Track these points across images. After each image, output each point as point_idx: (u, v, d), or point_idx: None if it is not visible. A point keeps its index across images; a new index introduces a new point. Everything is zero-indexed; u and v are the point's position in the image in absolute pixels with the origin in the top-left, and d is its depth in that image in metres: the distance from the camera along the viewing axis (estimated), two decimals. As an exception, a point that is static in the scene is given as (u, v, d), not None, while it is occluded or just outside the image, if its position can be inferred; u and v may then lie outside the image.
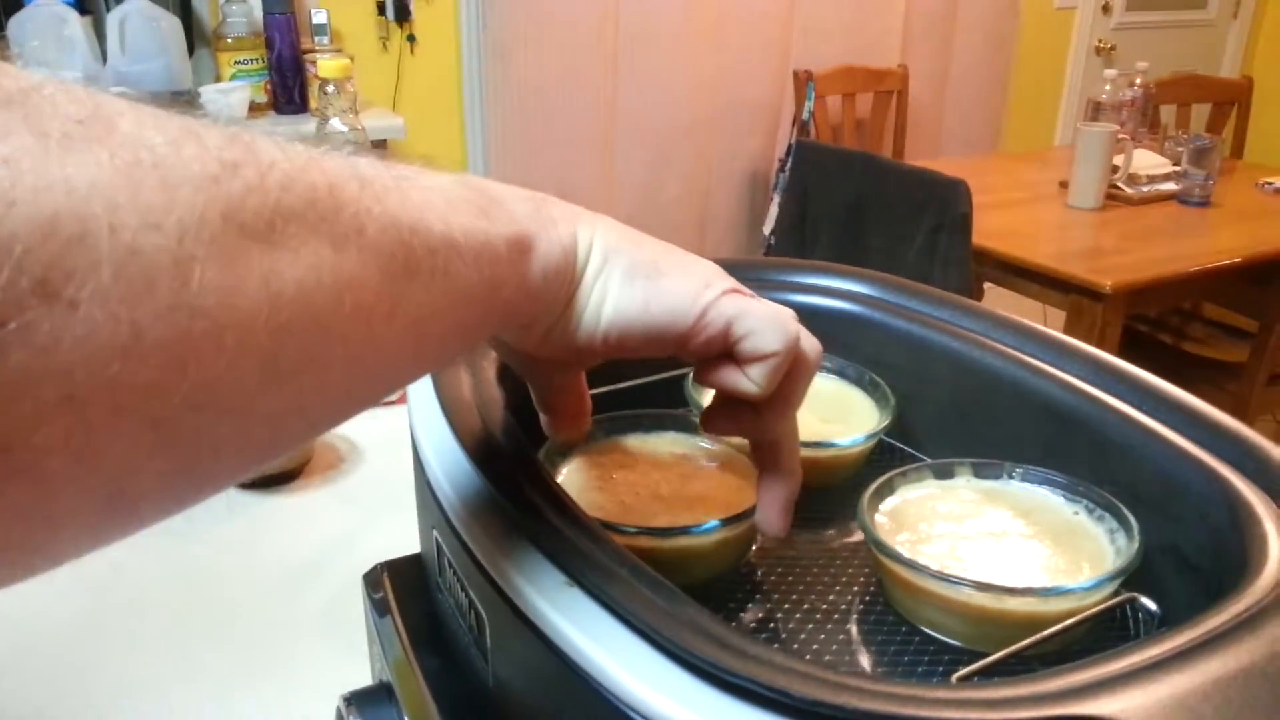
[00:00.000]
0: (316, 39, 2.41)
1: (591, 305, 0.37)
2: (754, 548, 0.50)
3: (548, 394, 0.45)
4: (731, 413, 0.41)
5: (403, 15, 2.67)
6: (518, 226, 0.34)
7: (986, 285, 2.33)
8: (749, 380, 0.38)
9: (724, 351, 0.38)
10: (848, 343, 0.60)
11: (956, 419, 0.56)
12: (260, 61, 2.33)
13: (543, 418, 0.45)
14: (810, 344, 0.40)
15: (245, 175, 0.23)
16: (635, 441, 0.54)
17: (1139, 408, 0.47)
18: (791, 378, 0.39)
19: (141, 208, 0.21)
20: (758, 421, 0.41)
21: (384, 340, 0.28)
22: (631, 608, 0.33)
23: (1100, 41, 3.90)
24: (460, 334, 0.33)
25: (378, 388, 0.30)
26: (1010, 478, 0.49)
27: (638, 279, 0.37)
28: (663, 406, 0.56)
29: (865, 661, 0.43)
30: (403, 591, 0.50)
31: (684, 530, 0.46)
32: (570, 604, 0.34)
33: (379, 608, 0.50)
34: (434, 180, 0.32)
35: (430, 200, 0.31)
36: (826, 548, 0.51)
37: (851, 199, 2.18)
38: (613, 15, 2.87)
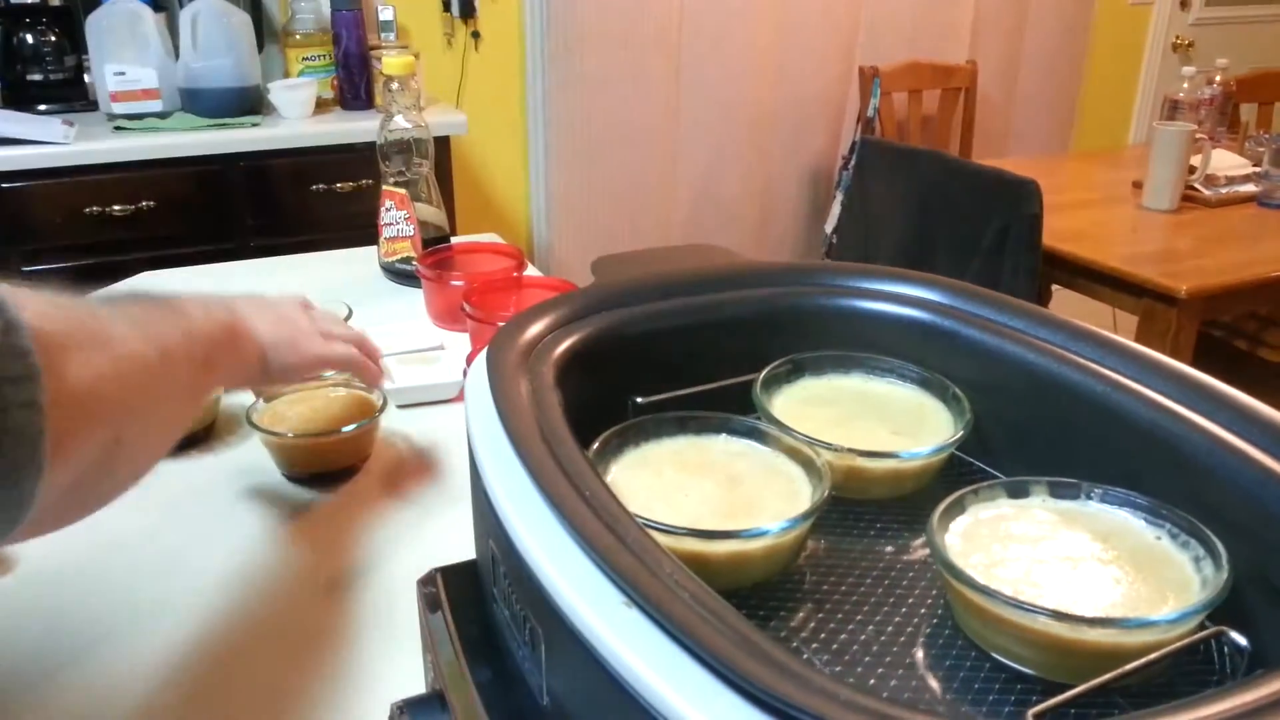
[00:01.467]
0: (383, 35, 2.43)
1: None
2: (809, 556, 0.49)
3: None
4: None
5: (468, 12, 2.68)
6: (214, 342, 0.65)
7: (1055, 288, 2.28)
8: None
9: None
10: (918, 352, 0.58)
11: (1031, 435, 0.54)
12: (328, 58, 2.36)
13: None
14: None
15: None
16: (687, 443, 0.53)
17: (1227, 427, 0.44)
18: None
19: None
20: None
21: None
22: (692, 632, 0.32)
23: (1178, 38, 3.80)
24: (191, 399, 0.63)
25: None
26: (1088, 498, 0.47)
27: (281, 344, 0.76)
28: (727, 411, 0.54)
29: (935, 688, 0.41)
30: (457, 599, 0.49)
31: (734, 534, 0.44)
32: (628, 626, 0.33)
33: (433, 613, 0.49)
34: (172, 324, 0.58)
35: (170, 343, 0.57)
36: (889, 562, 0.49)
37: (917, 198, 2.14)
38: (677, 11, 2.85)
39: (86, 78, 2.27)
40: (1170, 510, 0.45)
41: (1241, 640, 0.39)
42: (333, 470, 0.87)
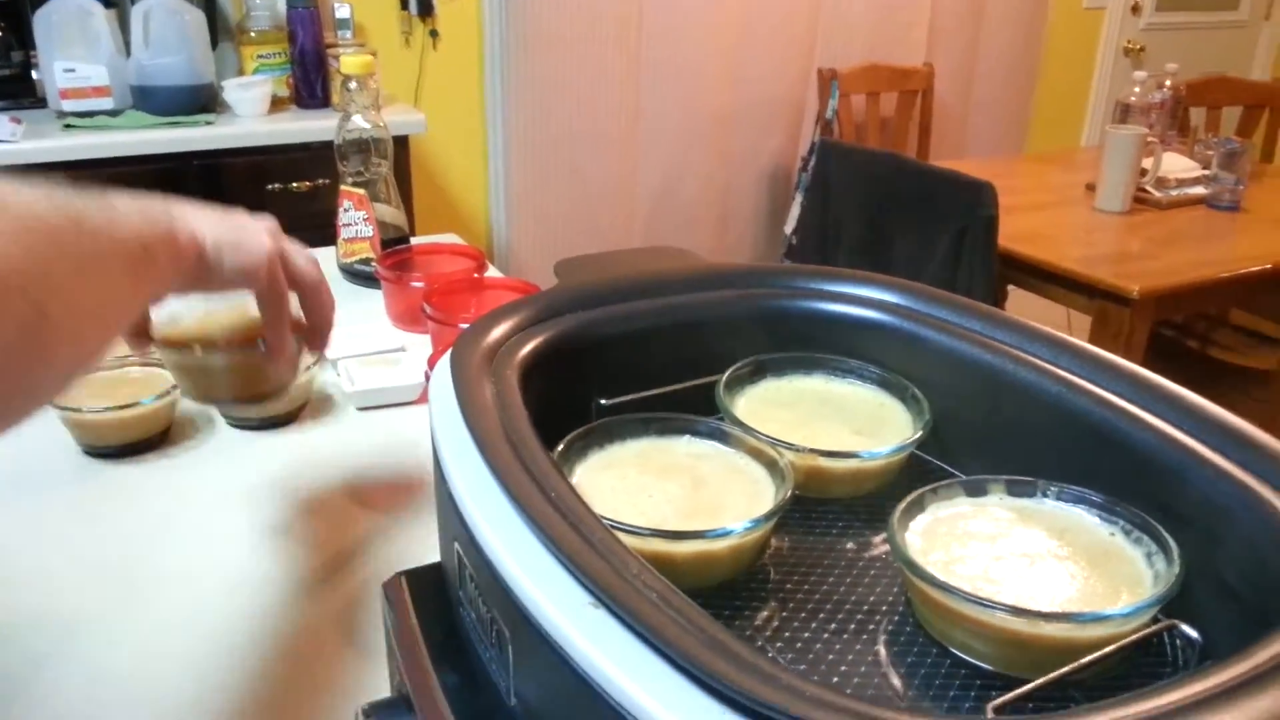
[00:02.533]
0: (339, 33, 2.41)
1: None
2: (772, 555, 0.50)
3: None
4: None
5: (426, 10, 2.67)
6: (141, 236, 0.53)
7: (1010, 288, 2.31)
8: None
9: None
10: (878, 354, 0.59)
11: (988, 434, 0.55)
12: (283, 55, 2.34)
13: None
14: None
15: None
16: (651, 444, 0.53)
17: (1179, 426, 0.45)
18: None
19: None
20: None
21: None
22: (658, 632, 0.32)
23: (1129, 42, 3.86)
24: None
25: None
26: (1044, 496, 0.48)
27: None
28: (691, 412, 0.55)
29: (897, 684, 0.42)
30: (422, 602, 0.49)
31: (699, 534, 0.45)
32: (594, 626, 0.34)
33: (398, 618, 0.49)
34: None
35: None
36: (851, 560, 0.50)
37: (875, 199, 2.16)
38: (636, 11, 2.86)
39: (35, 74, 2.23)
40: (1124, 507, 0.46)
41: (1193, 633, 0.40)
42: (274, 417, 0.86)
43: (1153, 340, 2.08)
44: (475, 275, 1.15)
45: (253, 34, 2.33)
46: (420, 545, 0.77)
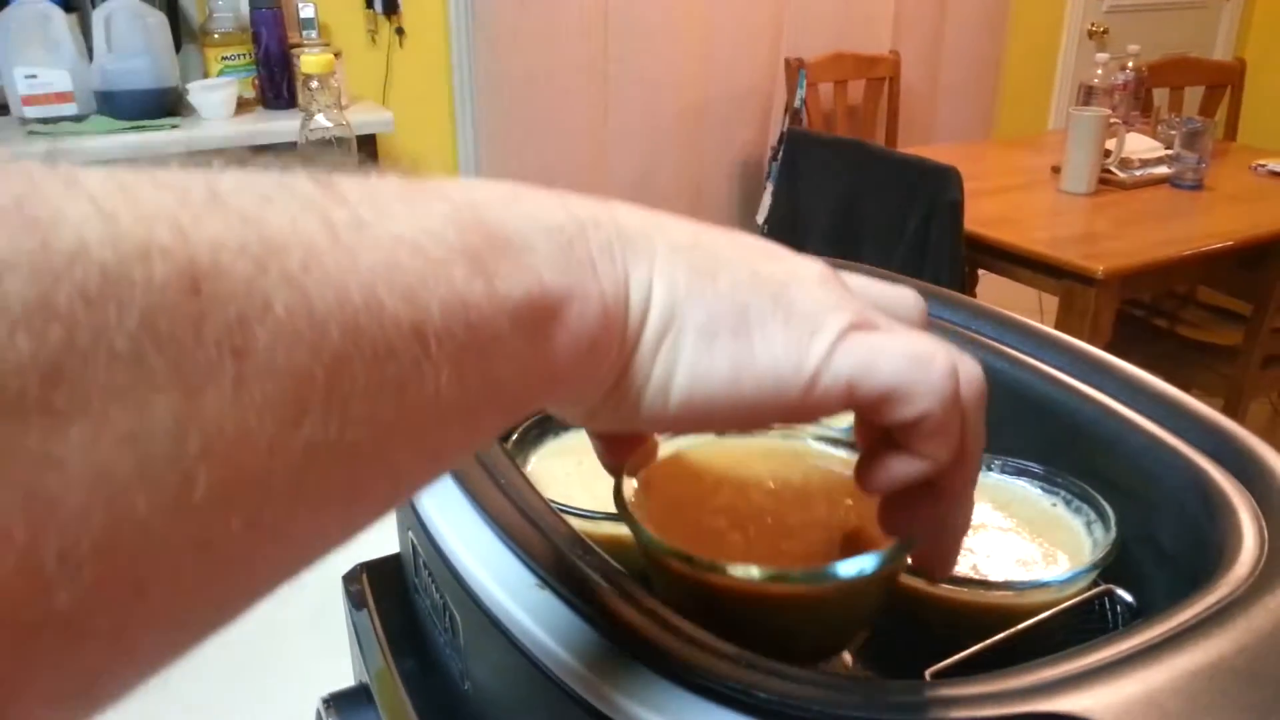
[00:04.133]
0: (304, 33, 2.40)
1: (656, 378, 0.26)
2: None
3: (607, 443, 0.35)
4: (907, 500, 0.30)
5: (391, 8, 2.66)
6: (535, 284, 0.23)
7: (981, 272, 2.33)
8: (917, 460, 0.28)
9: (845, 407, 0.27)
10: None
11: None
12: (248, 57, 2.33)
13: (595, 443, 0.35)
14: (969, 371, 0.28)
15: (7, 286, 0.14)
16: None
17: (1116, 397, 0.47)
18: (967, 423, 0.28)
19: None
20: (936, 500, 0.30)
21: (286, 526, 0.18)
22: (603, 610, 0.33)
23: (1093, 25, 3.89)
24: (433, 460, 0.23)
25: (288, 576, 0.21)
26: (989, 469, 0.49)
27: (719, 338, 0.26)
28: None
29: (845, 656, 0.43)
30: (381, 592, 0.49)
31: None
32: (541, 607, 0.34)
33: (357, 608, 0.50)
34: (409, 217, 0.21)
35: (393, 260, 0.20)
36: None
37: (843, 188, 2.18)
38: (602, 6, 2.86)
39: (-4, 82, 2.21)
40: (1065, 478, 0.47)
41: (1128, 597, 0.41)
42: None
43: (1121, 319, 2.10)
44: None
45: (216, 36, 2.32)
46: (386, 537, 0.77)
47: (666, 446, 0.38)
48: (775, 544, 0.35)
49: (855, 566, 0.31)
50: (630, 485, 0.35)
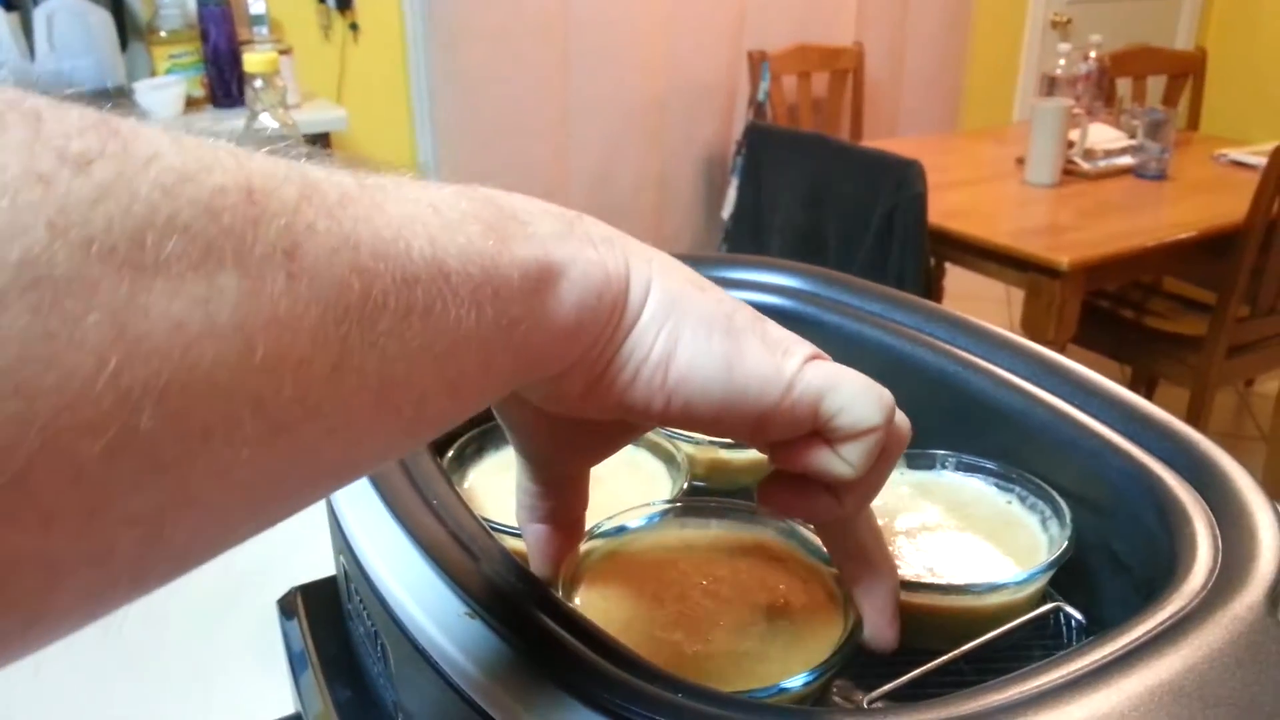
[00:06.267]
0: (255, 29, 2.36)
1: (654, 357, 0.29)
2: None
3: (550, 487, 0.36)
4: (800, 489, 0.33)
5: (344, 3, 2.62)
6: (540, 248, 0.26)
7: (947, 265, 2.33)
8: (842, 461, 0.31)
9: (808, 430, 0.31)
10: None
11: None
12: (196, 55, 2.28)
13: (528, 535, 0.37)
14: (902, 419, 0.33)
15: (99, 173, 0.17)
16: None
17: (1070, 401, 0.46)
18: (882, 457, 0.32)
19: None
20: (832, 506, 0.33)
21: (327, 407, 0.21)
22: (536, 643, 0.32)
23: (1057, 15, 3.91)
24: (453, 393, 0.24)
25: (322, 477, 0.22)
26: (943, 468, 0.48)
27: (715, 333, 0.29)
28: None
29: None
30: (316, 617, 0.48)
31: (591, 534, 0.44)
32: (469, 636, 0.33)
33: (292, 634, 0.48)
34: (422, 190, 0.25)
35: (415, 214, 0.24)
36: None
37: (807, 182, 2.17)
38: (560, 0, 2.83)
39: (-61, 84, 2.16)
40: (1019, 474, 0.46)
41: (1078, 615, 0.40)
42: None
43: (1088, 310, 2.11)
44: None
45: (163, 34, 2.27)
46: (324, 558, 0.75)
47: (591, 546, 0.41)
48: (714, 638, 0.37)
49: (802, 680, 0.34)
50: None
